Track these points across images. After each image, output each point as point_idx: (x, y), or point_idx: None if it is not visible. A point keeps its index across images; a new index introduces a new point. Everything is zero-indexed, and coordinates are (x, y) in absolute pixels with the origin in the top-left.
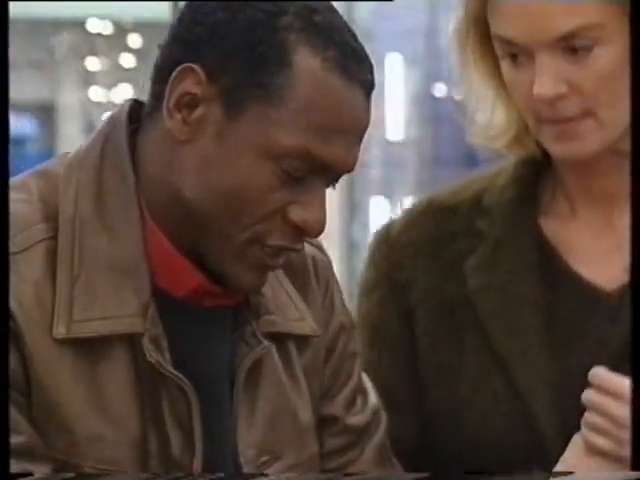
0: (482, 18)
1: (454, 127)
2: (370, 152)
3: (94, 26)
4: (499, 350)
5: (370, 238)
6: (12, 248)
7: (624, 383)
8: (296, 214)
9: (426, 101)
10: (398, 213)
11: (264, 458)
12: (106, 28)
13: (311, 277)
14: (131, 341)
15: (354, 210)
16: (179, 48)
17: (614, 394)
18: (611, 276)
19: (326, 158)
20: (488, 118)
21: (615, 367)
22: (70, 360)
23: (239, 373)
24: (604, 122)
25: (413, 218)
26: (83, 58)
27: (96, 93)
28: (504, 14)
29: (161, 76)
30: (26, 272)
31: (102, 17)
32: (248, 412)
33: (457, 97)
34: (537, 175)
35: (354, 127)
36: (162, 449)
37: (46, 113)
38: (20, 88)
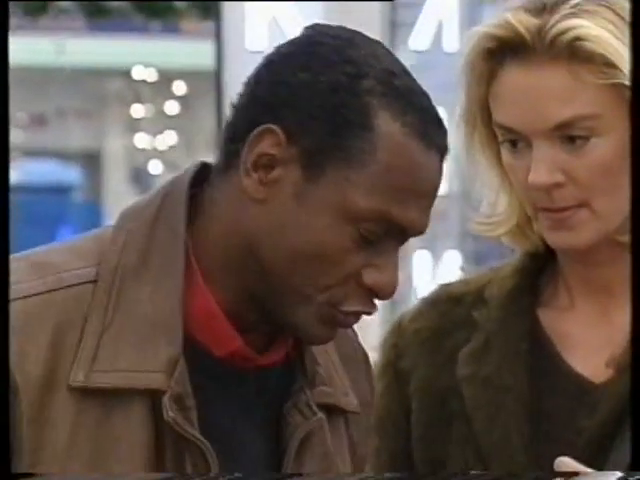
0: (486, 105)
1: None
2: None
3: (139, 74)
4: (480, 440)
5: (412, 293)
6: (37, 288)
7: (587, 472)
8: (370, 277)
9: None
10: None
11: None
12: (151, 76)
13: (356, 353)
14: (153, 397)
15: None
16: (257, 108)
17: None
18: (601, 369)
19: (403, 221)
20: (492, 204)
21: (590, 457)
22: (82, 410)
23: (291, 442)
24: (599, 213)
25: (424, 307)
26: (128, 105)
27: (141, 140)
28: (503, 102)
29: (236, 135)
30: (47, 313)
31: (147, 65)
32: None
33: None
34: (539, 267)
35: (430, 191)
36: None
37: (91, 161)
38: (66, 136)
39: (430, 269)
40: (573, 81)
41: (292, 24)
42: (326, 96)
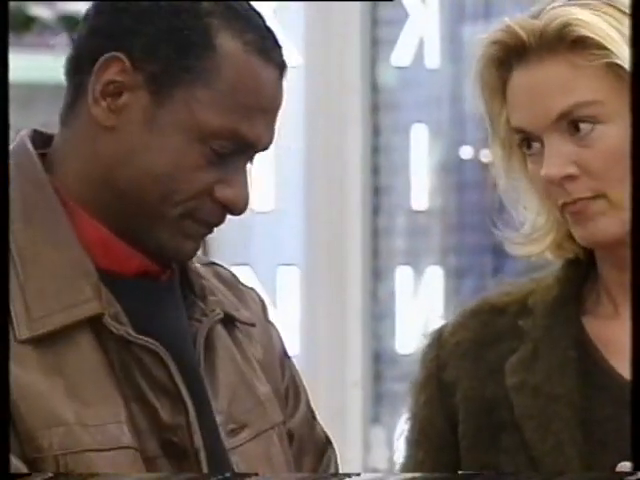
0: (508, 121)
1: (478, 194)
2: (395, 221)
3: None
4: (532, 449)
5: (396, 309)
6: None
7: None
8: (222, 192)
9: (450, 169)
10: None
11: (231, 426)
12: None
13: (235, 278)
14: (90, 325)
15: (378, 280)
16: (100, 38)
17: None
18: None
19: (250, 137)
20: (532, 221)
21: None
22: (35, 360)
23: (197, 346)
24: (617, 203)
25: (464, 319)
26: None
27: None
28: (513, 106)
29: (81, 67)
30: None
31: None
32: (211, 383)
33: (483, 160)
34: (582, 276)
35: (273, 106)
36: (151, 421)
37: None
38: None
39: (412, 285)
40: (570, 70)
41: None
42: (168, 20)
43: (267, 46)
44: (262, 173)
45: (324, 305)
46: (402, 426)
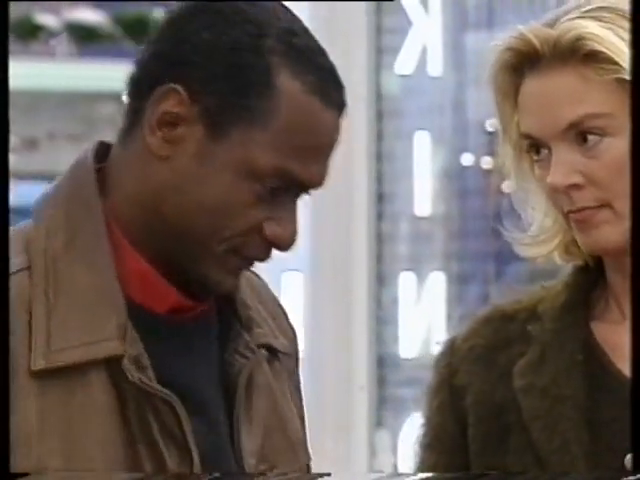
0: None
1: (480, 200)
2: (398, 227)
3: None
4: (539, 449)
5: (399, 314)
6: None
7: None
8: (271, 230)
9: (453, 176)
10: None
11: (262, 467)
12: None
13: (274, 299)
14: (108, 365)
15: (382, 285)
16: (160, 65)
17: None
18: None
19: (304, 177)
20: (540, 224)
21: None
22: (45, 392)
23: (240, 383)
24: (622, 214)
25: (476, 325)
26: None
27: None
28: (523, 112)
29: (140, 92)
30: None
31: None
32: (247, 421)
33: (484, 167)
34: (591, 282)
35: (328, 147)
36: (157, 465)
37: None
38: (57, 159)
39: (415, 290)
40: (581, 82)
41: None
42: (228, 56)
43: (328, 88)
44: None
45: (329, 310)
46: (406, 430)
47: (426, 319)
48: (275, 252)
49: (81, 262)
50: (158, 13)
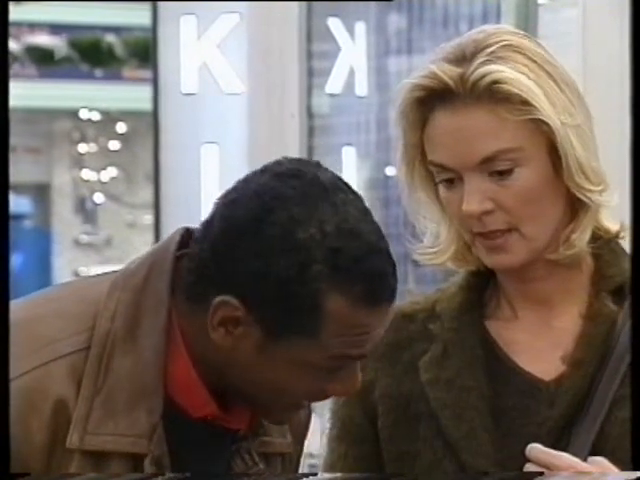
0: (421, 148)
1: (402, 208)
2: None
3: (85, 115)
4: (449, 435)
5: None
6: (33, 362)
7: (559, 455)
8: (334, 390)
9: (377, 187)
10: None
11: None
12: (95, 117)
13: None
14: (133, 456)
15: None
16: (218, 277)
17: (549, 466)
18: (549, 369)
19: (356, 356)
20: (434, 235)
21: (552, 445)
22: (79, 469)
23: None
24: (527, 236)
25: None
26: (75, 143)
27: (86, 174)
28: (435, 143)
29: (201, 287)
30: (45, 385)
31: (92, 107)
32: None
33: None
34: (483, 284)
35: (378, 332)
36: None
37: (42, 192)
38: (18, 171)
39: None
40: (494, 119)
41: (219, 68)
42: (277, 285)
43: (377, 289)
44: (210, 187)
45: None
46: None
47: None
48: None
49: (136, 353)
50: (110, 38)
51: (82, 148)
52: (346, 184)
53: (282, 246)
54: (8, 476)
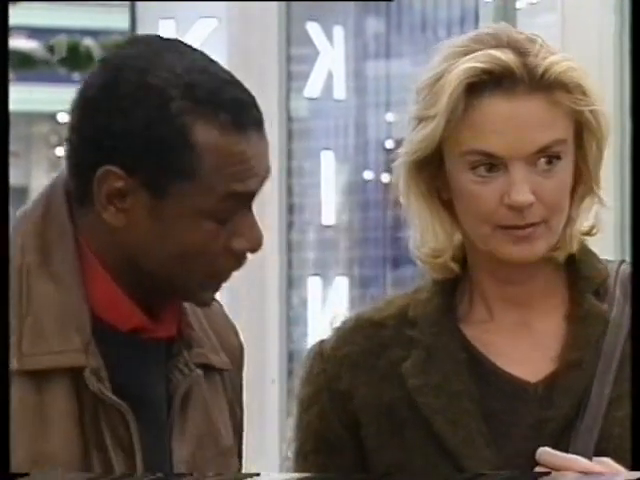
0: (443, 137)
1: (379, 211)
2: (307, 236)
3: (63, 119)
4: (446, 441)
5: (307, 315)
6: None
7: (572, 458)
8: (239, 245)
9: (355, 190)
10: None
11: (194, 476)
12: None
13: (220, 312)
14: (73, 374)
15: (291, 288)
16: (91, 151)
17: (560, 469)
18: (532, 370)
19: (245, 192)
20: (432, 238)
21: (555, 445)
22: (20, 390)
23: (176, 398)
24: (553, 228)
25: (344, 334)
26: (53, 147)
27: None
28: (484, 129)
29: (81, 171)
30: None
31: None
32: (180, 432)
33: (383, 182)
34: (454, 287)
35: (258, 159)
36: (105, 469)
37: (20, 196)
38: None
39: (321, 293)
40: (551, 109)
41: None
42: (144, 134)
43: (242, 117)
44: None
45: (244, 310)
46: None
47: (331, 318)
48: None
49: (53, 280)
50: (88, 41)
51: (60, 151)
52: (189, 45)
53: (137, 97)
54: (8, 476)
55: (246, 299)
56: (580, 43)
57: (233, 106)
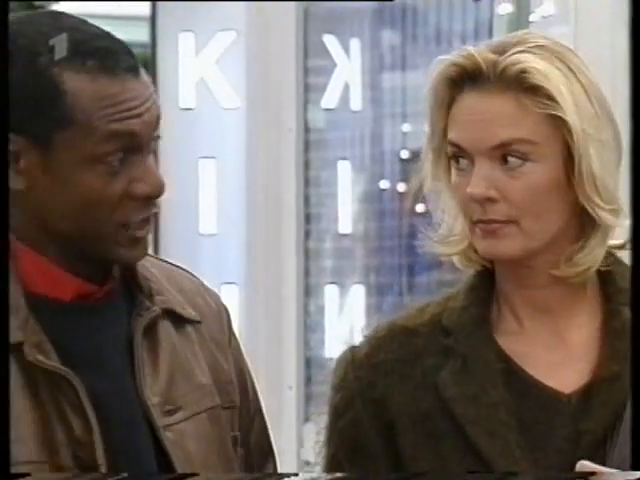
0: (446, 132)
1: (395, 220)
2: (324, 245)
3: None
4: (482, 452)
5: (324, 322)
6: None
7: (609, 471)
8: (139, 190)
9: (371, 199)
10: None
11: (168, 407)
12: None
13: (183, 273)
14: (17, 351)
15: (309, 296)
16: None
17: None
18: (567, 382)
19: (131, 132)
20: (450, 226)
21: (591, 458)
22: None
23: (136, 335)
24: (526, 231)
25: (378, 341)
26: None
27: None
28: (457, 122)
29: None
30: None
31: None
32: (151, 370)
33: (399, 191)
34: (489, 297)
35: (138, 100)
36: (66, 437)
37: None
38: None
39: (338, 301)
40: (517, 108)
41: (217, 84)
42: (21, 93)
43: (111, 61)
44: (208, 201)
45: (262, 318)
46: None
47: (348, 326)
48: (214, 266)
49: None
50: None
51: None
52: (70, 14)
53: (11, 61)
54: (8, 476)
55: (264, 308)
56: (593, 55)
57: (101, 54)
